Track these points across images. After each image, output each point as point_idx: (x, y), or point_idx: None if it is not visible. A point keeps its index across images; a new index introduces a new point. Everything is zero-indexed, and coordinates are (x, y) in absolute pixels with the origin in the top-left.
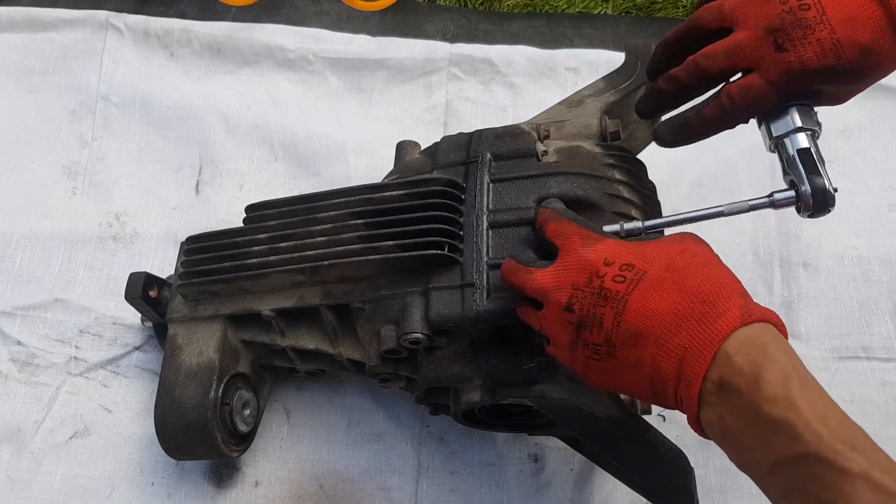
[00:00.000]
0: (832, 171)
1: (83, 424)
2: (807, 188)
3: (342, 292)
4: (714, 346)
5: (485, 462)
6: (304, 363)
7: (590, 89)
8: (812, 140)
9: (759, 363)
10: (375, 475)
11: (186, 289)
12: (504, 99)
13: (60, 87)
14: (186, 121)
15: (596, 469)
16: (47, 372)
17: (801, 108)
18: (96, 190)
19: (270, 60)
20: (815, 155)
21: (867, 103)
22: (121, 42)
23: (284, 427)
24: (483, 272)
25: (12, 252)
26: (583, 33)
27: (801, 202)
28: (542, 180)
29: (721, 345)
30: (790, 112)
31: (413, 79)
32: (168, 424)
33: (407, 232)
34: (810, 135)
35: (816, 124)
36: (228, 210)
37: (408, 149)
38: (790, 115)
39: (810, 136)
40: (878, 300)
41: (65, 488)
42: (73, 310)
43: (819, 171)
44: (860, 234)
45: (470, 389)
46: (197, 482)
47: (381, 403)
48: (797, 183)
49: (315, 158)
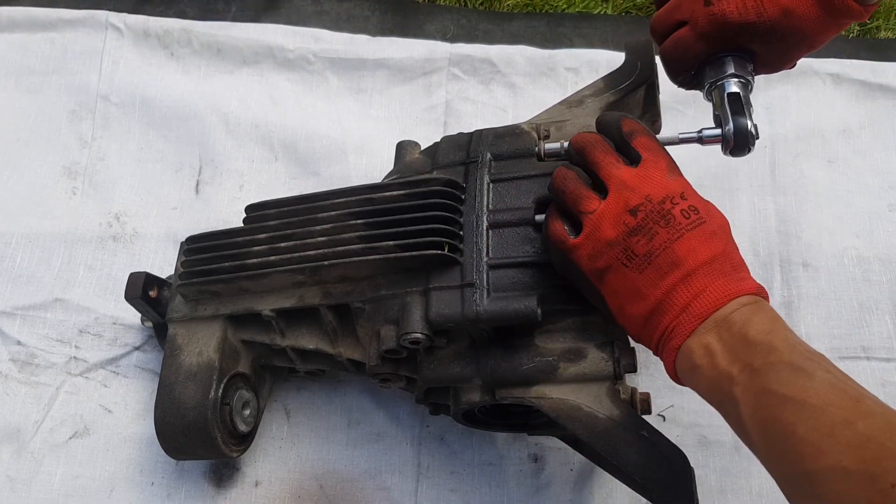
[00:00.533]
0: (831, 170)
1: (83, 424)
2: (730, 127)
3: (342, 292)
4: (731, 295)
5: (485, 462)
6: (304, 363)
7: (590, 89)
8: (743, 88)
9: (757, 313)
10: (375, 475)
11: (186, 289)
12: (504, 99)
13: (60, 86)
14: (186, 121)
15: (596, 469)
16: (47, 372)
17: (737, 59)
18: (96, 190)
19: (270, 60)
20: (744, 100)
21: (867, 103)
22: (121, 42)
23: (284, 427)
24: (483, 272)
25: (12, 252)
26: (583, 33)
27: (724, 140)
28: (542, 180)
29: (737, 297)
30: (726, 61)
31: (413, 79)
32: (168, 424)
33: (407, 232)
34: (742, 83)
35: (749, 74)
36: (228, 210)
37: (408, 149)
38: (725, 63)
39: (742, 84)
40: (879, 300)
41: (65, 488)
42: (73, 310)
43: (744, 113)
44: (860, 234)
45: (470, 389)
46: (197, 482)
47: (381, 403)
48: (723, 123)
49: (315, 158)
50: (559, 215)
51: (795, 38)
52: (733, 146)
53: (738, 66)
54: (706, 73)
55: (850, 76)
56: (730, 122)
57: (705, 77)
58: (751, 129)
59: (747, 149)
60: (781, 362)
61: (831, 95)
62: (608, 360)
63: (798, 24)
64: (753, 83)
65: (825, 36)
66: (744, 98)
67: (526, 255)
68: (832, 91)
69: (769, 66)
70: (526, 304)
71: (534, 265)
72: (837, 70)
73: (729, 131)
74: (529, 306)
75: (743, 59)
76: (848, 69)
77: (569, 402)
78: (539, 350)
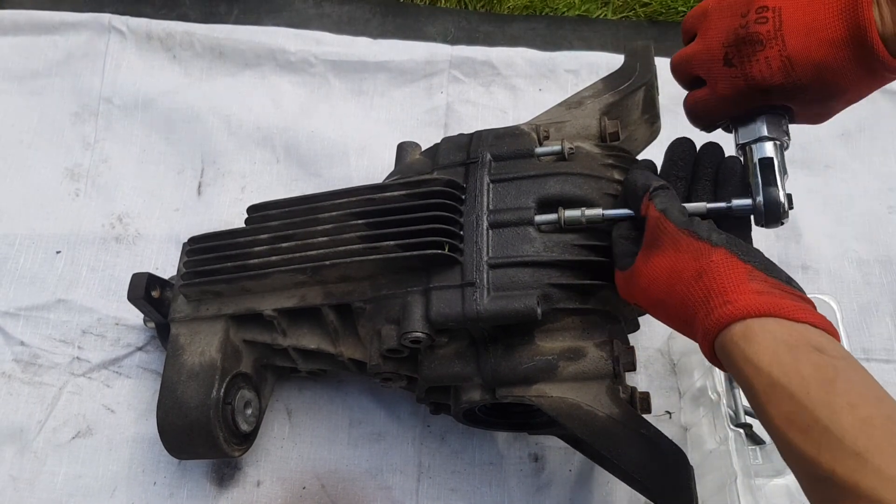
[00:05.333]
0: (830, 174)
1: (86, 424)
2: (761, 199)
3: (343, 292)
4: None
5: (485, 461)
6: (305, 363)
7: (589, 91)
8: (778, 150)
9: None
10: (377, 474)
11: (189, 289)
12: (504, 101)
13: (63, 89)
14: (188, 123)
15: (596, 468)
16: (50, 372)
17: (771, 116)
18: (99, 191)
19: (272, 63)
20: (777, 165)
21: (866, 106)
22: (123, 45)
23: (286, 427)
24: (483, 271)
25: (16, 253)
26: (583, 36)
27: (755, 212)
28: (542, 180)
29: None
30: (758, 120)
31: (414, 81)
32: (170, 424)
33: (408, 232)
34: (777, 145)
35: (784, 134)
36: (230, 211)
37: (408, 150)
38: (758, 123)
39: (777, 146)
40: (879, 302)
41: (67, 488)
42: (76, 310)
43: (776, 183)
44: (860, 237)
45: (470, 388)
46: (199, 482)
47: (383, 403)
48: (754, 193)
49: (316, 160)
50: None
51: (833, 93)
52: (765, 220)
53: (772, 126)
54: (737, 132)
55: None
56: (760, 194)
57: (736, 135)
58: (783, 202)
59: (779, 222)
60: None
61: None
62: (607, 358)
63: (834, 79)
64: (790, 141)
65: (864, 89)
66: (777, 165)
67: (526, 255)
68: None
69: (808, 119)
70: (526, 303)
71: (533, 264)
72: None
73: (760, 204)
74: (529, 305)
75: (777, 115)
76: None
77: (568, 401)
78: (539, 349)
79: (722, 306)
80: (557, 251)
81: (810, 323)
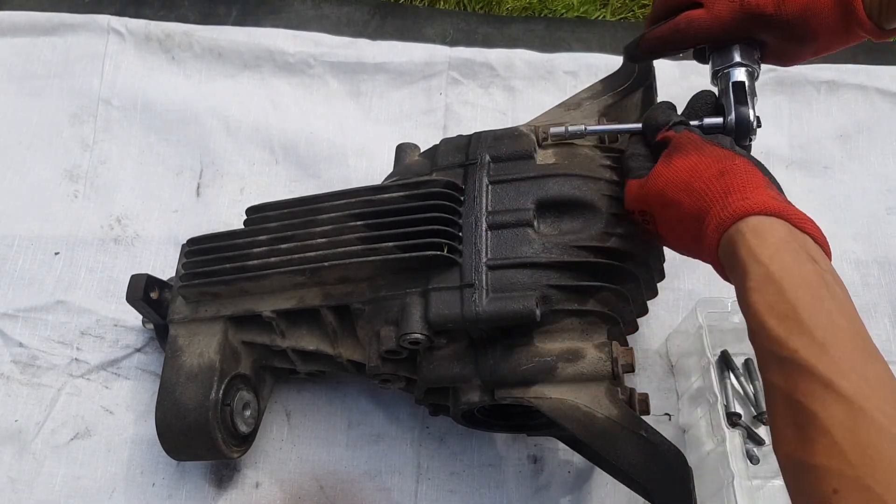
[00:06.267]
0: (829, 175)
1: (84, 426)
2: (732, 116)
3: (342, 293)
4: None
5: (484, 463)
6: (304, 364)
7: (588, 92)
8: (749, 78)
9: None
10: (375, 476)
11: (187, 290)
12: (503, 102)
13: (62, 90)
14: (187, 124)
15: (595, 470)
16: (49, 373)
17: (745, 47)
18: (98, 193)
19: (271, 64)
20: (748, 90)
21: (865, 107)
22: (122, 46)
23: (285, 428)
24: (482, 273)
25: (14, 254)
26: (581, 37)
27: (726, 129)
28: (540, 182)
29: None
30: (733, 49)
31: (413, 82)
32: (169, 425)
33: (406, 233)
34: (749, 72)
35: (756, 63)
36: (229, 212)
37: (407, 151)
38: (733, 51)
39: (748, 73)
40: (878, 303)
41: (66, 489)
42: (75, 312)
43: (746, 103)
44: (858, 238)
45: (469, 390)
46: (197, 483)
47: (381, 404)
48: (725, 112)
49: (315, 161)
50: None
51: (808, 38)
52: (735, 136)
53: (745, 55)
54: (713, 60)
55: (846, 81)
56: (732, 112)
57: (711, 63)
58: (752, 120)
59: (748, 139)
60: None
61: (826, 102)
62: (606, 360)
63: (814, 23)
64: (759, 71)
65: (836, 42)
66: (748, 88)
67: (524, 256)
68: (826, 98)
69: (776, 59)
70: (524, 304)
71: (532, 266)
72: (833, 76)
73: (731, 121)
74: (528, 307)
75: (750, 48)
76: (844, 74)
77: (567, 402)
78: (538, 350)
79: (741, 200)
80: (556, 253)
81: (811, 234)
